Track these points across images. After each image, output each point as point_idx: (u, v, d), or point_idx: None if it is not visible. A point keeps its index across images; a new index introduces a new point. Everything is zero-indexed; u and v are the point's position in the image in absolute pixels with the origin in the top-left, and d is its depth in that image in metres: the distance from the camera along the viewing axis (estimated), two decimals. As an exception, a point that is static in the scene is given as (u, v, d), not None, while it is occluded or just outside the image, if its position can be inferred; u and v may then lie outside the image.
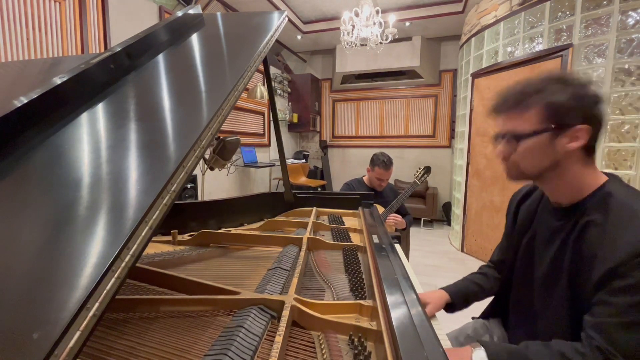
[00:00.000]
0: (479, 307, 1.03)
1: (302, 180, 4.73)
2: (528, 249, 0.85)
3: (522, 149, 0.70)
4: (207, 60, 0.86)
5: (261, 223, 1.32)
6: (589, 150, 0.69)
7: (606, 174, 0.71)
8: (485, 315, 1.02)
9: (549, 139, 0.67)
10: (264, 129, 4.49)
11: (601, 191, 0.68)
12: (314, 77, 5.35)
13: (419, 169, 2.12)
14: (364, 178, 2.28)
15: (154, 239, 0.82)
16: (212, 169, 1.14)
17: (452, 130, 4.85)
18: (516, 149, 0.71)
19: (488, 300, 1.01)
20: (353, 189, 2.21)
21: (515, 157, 0.72)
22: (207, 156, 1.08)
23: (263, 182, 4.54)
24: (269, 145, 4.62)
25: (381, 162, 2.11)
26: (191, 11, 1.01)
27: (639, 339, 0.57)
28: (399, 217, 2.08)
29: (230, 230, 1.23)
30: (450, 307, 0.96)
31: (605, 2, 2.22)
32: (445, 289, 0.97)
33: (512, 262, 0.91)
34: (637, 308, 0.57)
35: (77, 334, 0.30)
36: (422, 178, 2.09)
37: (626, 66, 2.14)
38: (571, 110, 0.66)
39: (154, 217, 0.42)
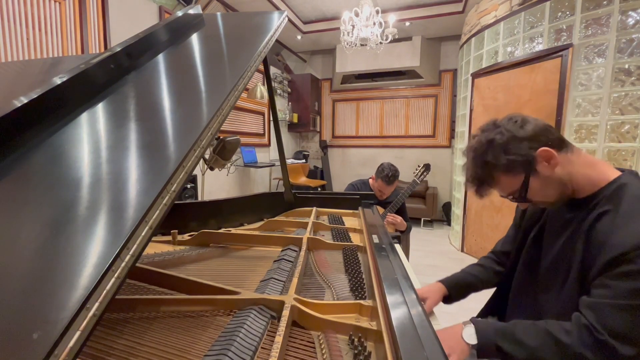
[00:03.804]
0: (478, 307, 1.03)
1: (302, 180, 4.74)
2: (535, 241, 0.86)
3: (530, 197, 0.75)
4: (207, 60, 0.85)
5: (261, 223, 1.32)
6: (561, 145, 0.73)
7: (622, 169, 0.73)
8: (483, 314, 1.02)
9: (535, 176, 0.72)
10: (264, 129, 4.49)
11: (615, 183, 0.70)
12: (314, 77, 5.35)
13: (418, 166, 2.09)
14: (370, 181, 2.24)
15: (154, 239, 0.82)
16: (212, 169, 1.14)
17: (452, 130, 4.85)
18: (525, 199, 0.76)
19: (486, 299, 1.01)
20: (358, 190, 2.18)
21: (533, 200, 0.77)
22: (207, 156, 1.08)
23: (263, 182, 4.54)
24: (269, 145, 4.62)
25: (385, 176, 2.05)
26: (191, 11, 1.01)
27: (630, 321, 0.58)
28: (398, 218, 2.06)
29: (230, 230, 1.23)
30: (447, 299, 0.98)
31: (605, 2, 2.21)
32: (442, 281, 1.00)
33: (516, 254, 0.92)
34: (636, 293, 0.58)
35: (77, 334, 0.30)
36: (422, 176, 2.07)
37: (626, 66, 2.14)
38: (522, 155, 0.71)
39: (154, 217, 0.42)
